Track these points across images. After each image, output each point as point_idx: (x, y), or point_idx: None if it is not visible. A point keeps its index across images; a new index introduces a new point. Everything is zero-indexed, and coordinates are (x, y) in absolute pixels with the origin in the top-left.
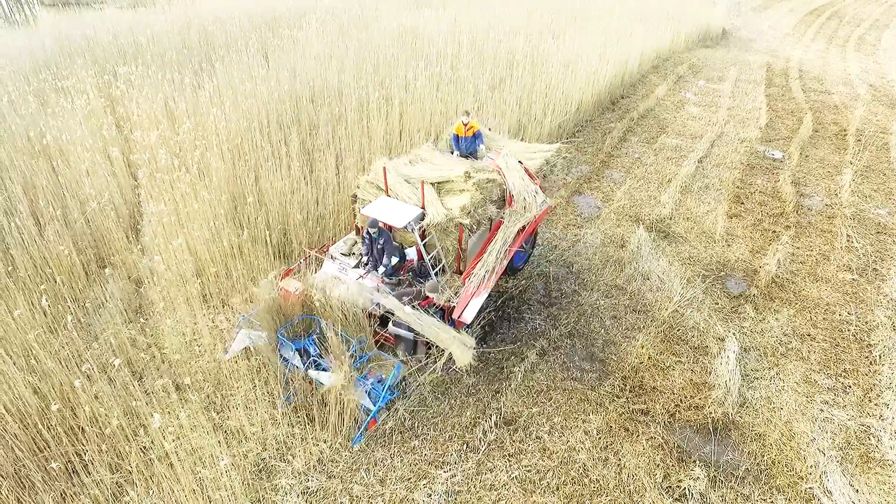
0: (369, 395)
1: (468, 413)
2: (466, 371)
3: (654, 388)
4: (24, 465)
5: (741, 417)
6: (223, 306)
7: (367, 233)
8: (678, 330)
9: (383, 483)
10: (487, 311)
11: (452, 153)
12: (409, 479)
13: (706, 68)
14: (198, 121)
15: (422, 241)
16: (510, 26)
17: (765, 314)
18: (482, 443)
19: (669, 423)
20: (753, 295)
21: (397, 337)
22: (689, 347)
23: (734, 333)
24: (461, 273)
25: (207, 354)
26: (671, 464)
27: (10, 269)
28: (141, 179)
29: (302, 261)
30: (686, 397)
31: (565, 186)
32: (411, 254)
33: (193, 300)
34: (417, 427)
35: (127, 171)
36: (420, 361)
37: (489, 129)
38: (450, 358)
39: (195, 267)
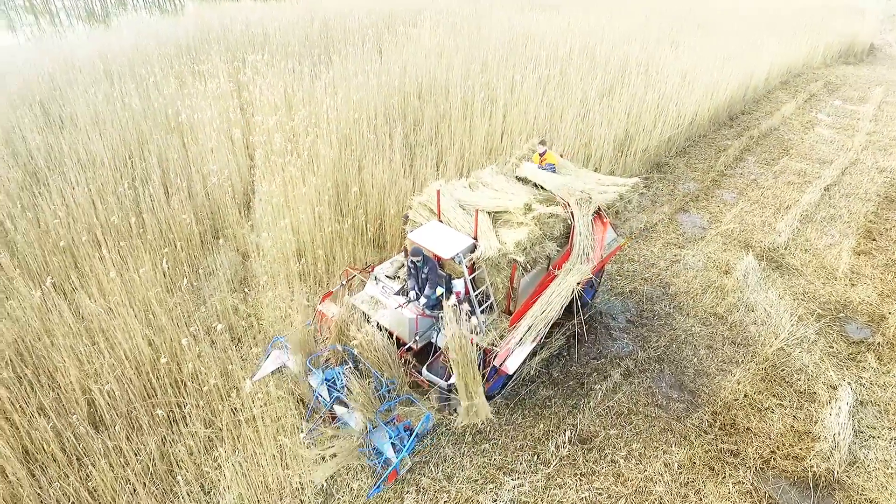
0: (393, 443)
1: (541, 425)
2: (543, 382)
3: (747, 428)
4: (134, 408)
5: (849, 478)
6: (318, 287)
7: (411, 261)
8: (782, 370)
9: (450, 480)
10: (574, 323)
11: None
12: (477, 480)
13: (845, 87)
14: (312, 109)
15: (470, 275)
16: (626, 32)
17: (890, 366)
18: (554, 457)
19: (762, 469)
20: (878, 343)
21: (431, 383)
22: (793, 391)
23: (850, 383)
24: (510, 314)
25: (299, 331)
26: None
27: (140, 230)
28: (257, 160)
29: (343, 281)
30: (784, 444)
31: (669, 202)
32: (459, 286)
33: (293, 278)
34: (489, 431)
35: (245, 152)
36: (455, 411)
37: (561, 156)
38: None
39: (297, 248)
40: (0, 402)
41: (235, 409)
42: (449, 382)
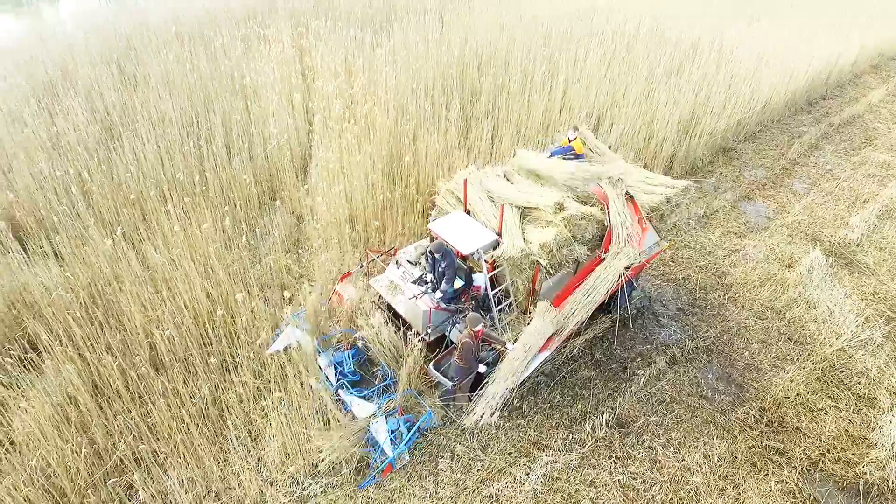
0: (393, 436)
1: (579, 405)
2: (585, 363)
3: (797, 428)
4: (191, 355)
5: None
6: (367, 254)
7: (430, 252)
8: (841, 372)
9: (485, 450)
10: (622, 308)
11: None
12: (511, 453)
13: None
14: (371, 77)
15: (490, 272)
16: (700, 8)
17: None
18: (589, 438)
19: (808, 470)
20: None
21: (437, 382)
22: (851, 394)
23: None
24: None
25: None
26: None
27: (203, 188)
28: (315, 126)
29: (363, 263)
30: (835, 448)
31: (732, 189)
32: (479, 280)
33: (344, 243)
34: (525, 409)
35: (304, 117)
36: (461, 410)
37: (608, 147)
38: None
39: (349, 214)
40: (74, 338)
41: (283, 364)
42: (454, 384)
